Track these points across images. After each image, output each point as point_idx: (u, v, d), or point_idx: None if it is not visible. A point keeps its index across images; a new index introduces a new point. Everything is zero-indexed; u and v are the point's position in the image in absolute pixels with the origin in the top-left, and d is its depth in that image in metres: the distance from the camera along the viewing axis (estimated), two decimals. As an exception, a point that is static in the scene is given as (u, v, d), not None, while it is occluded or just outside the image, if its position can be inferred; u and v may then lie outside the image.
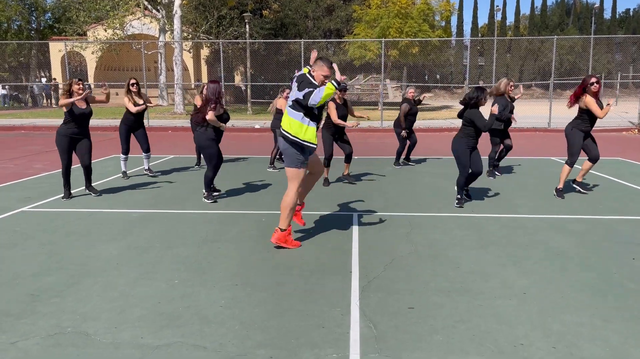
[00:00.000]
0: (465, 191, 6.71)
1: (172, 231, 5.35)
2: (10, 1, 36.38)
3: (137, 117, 8.18)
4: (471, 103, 6.27)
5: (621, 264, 4.35)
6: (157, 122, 19.12)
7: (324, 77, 4.64)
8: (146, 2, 24.88)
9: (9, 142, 14.09)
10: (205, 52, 36.61)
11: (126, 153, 8.26)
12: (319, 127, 5.00)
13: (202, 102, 6.55)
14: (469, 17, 65.33)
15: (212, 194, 6.78)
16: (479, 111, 6.29)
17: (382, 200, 6.80)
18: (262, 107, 26.58)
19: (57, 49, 32.24)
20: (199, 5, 27.23)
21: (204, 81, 34.70)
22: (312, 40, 30.75)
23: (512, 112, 8.12)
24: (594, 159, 6.87)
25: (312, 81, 4.63)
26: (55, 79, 33.60)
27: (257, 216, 5.98)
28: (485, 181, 8.02)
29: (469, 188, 6.82)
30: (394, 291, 3.79)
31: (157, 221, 5.73)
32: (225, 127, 6.58)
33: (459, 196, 6.43)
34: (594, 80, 6.61)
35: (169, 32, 25.41)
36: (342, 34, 33.96)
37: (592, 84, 6.58)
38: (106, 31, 25.09)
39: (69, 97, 6.56)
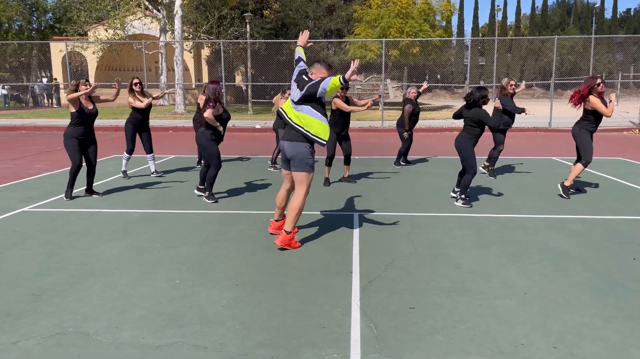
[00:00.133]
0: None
1: (173, 231, 5.35)
2: (11, 1, 36.42)
3: (144, 116, 8.17)
4: (479, 103, 6.28)
5: (622, 264, 4.35)
6: (158, 122, 19.12)
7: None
8: (147, 2, 24.89)
9: (10, 142, 14.10)
10: (206, 52, 36.64)
11: (130, 153, 8.26)
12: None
13: (203, 102, 6.61)
14: (469, 17, 65.48)
15: (212, 194, 6.80)
16: (485, 110, 6.29)
17: (383, 200, 6.81)
18: (263, 107, 26.60)
19: (58, 49, 32.23)
20: (199, 5, 27.23)
21: (205, 81, 34.73)
22: (313, 40, 30.75)
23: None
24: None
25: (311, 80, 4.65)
26: (56, 79, 33.61)
27: (258, 216, 5.99)
28: (485, 181, 8.03)
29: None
30: (395, 291, 3.80)
31: (158, 221, 5.74)
32: (221, 127, 6.59)
33: (466, 197, 6.42)
34: (599, 81, 6.66)
35: (169, 32, 25.42)
36: (343, 34, 33.97)
37: (599, 85, 6.64)
38: (107, 31, 25.10)
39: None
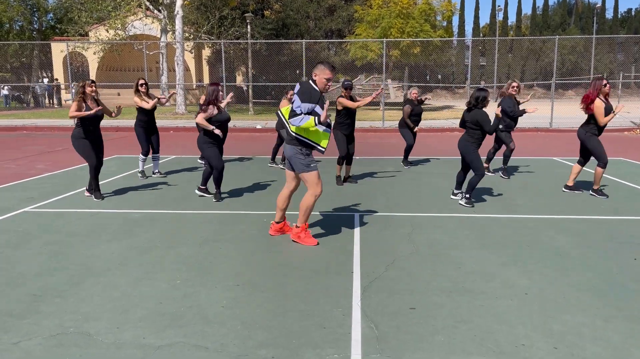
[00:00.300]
0: (461, 192, 6.76)
1: (174, 232, 5.36)
2: (12, 2, 36.46)
3: (150, 118, 8.19)
4: (479, 106, 6.27)
5: (622, 264, 4.35)
6: (159, 122, 18.93)
7: (326, 80, 4.64)
8: (148, 3, 24.90)
9: (11, 142, 14.12)
10: (206, 53, 36.68)
11: (146, 154, 8.33)
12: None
13: (203, 103, 6.64)
14: (470, 17, 65.60)
15: (212, 194, 6.82)
16: (486, 113, 6.29)
17: (383, 200, 6.81)
18: (264, 107, 26.61)
19: (59, 50, 32.27)
20: (200, 5, 27.26)
21: (206, 81, 34.76)
22: (314, 40, 30.79)
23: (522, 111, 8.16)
24: (583, 164, 7.14)
25: (314, 88, 4.63)
26: (57, 79, 33.67)
27: (258, 216, 5.99)
28: (486, 181, 8.02)
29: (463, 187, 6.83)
30: (395, 291, 3.80)
31: (159, 222, 5.75)
32: (217, 130, 6.58)
33: (470, 197, 6.41)
34: (605, 82, 6.70)
35: (170, 33, 25.43)
36: (344, 34, 33.98)
37: (605, 85, 6.68)
38: (108, 31, 25.12)
39: (83, 98, 6.55)
